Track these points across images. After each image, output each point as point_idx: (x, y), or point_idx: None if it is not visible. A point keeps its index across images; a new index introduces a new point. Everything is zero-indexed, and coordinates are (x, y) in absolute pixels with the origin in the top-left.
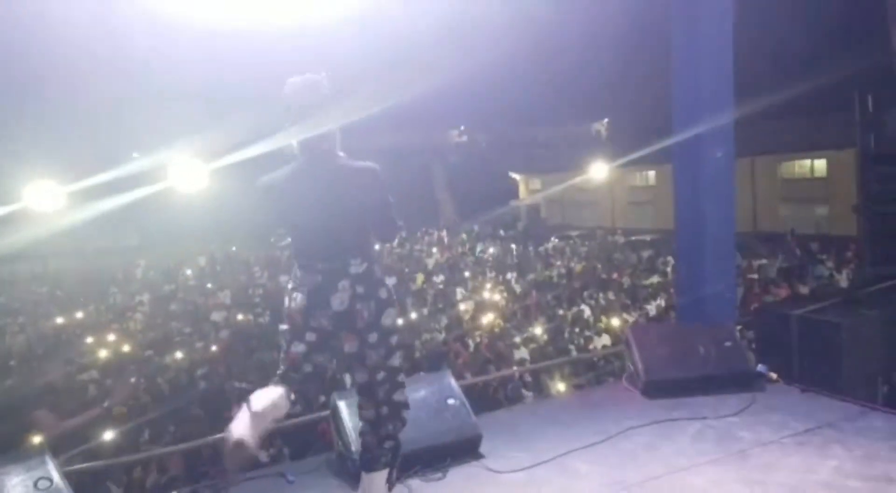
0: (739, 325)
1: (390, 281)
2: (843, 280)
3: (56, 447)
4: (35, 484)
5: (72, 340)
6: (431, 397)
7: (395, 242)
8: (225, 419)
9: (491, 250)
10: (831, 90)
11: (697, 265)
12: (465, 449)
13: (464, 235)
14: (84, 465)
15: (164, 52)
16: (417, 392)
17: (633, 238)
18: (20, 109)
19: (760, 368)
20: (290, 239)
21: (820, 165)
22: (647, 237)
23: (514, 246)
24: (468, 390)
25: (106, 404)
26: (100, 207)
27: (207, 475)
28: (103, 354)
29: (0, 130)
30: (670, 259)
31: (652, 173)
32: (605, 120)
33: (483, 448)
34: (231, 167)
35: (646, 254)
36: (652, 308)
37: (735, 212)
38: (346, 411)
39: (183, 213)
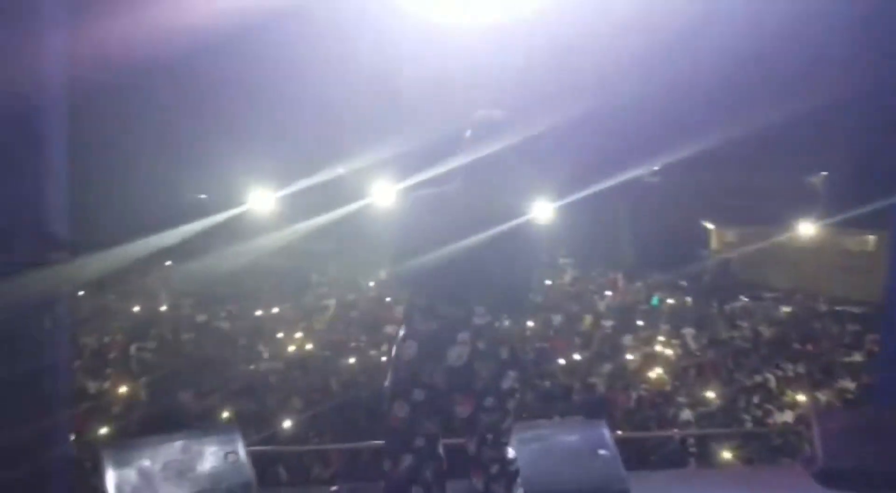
0: None
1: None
2: None
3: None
4: (225, 456)
5: (266, 332)
6: (583, 444)
7: (567, 280)
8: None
9: (669, 300)
10: None
11: None
12: None
13: (639, 283)
14: (262, 447)
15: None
16: (569, 435)
17: (839, 308)
18: (251, 120)
19: None
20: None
21: None
22: (857, 309)
23: (693, 300)
24: (623, 445)
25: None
26: (308, 215)
27: (364, 477)
28: (290, 349)
29: (233, 140)
30: None
31: (872, 238)
32: (823, 173)
33: None
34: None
35: (851, 328)
36: (849, 389)
37: None
38: None
39: (374, 226)
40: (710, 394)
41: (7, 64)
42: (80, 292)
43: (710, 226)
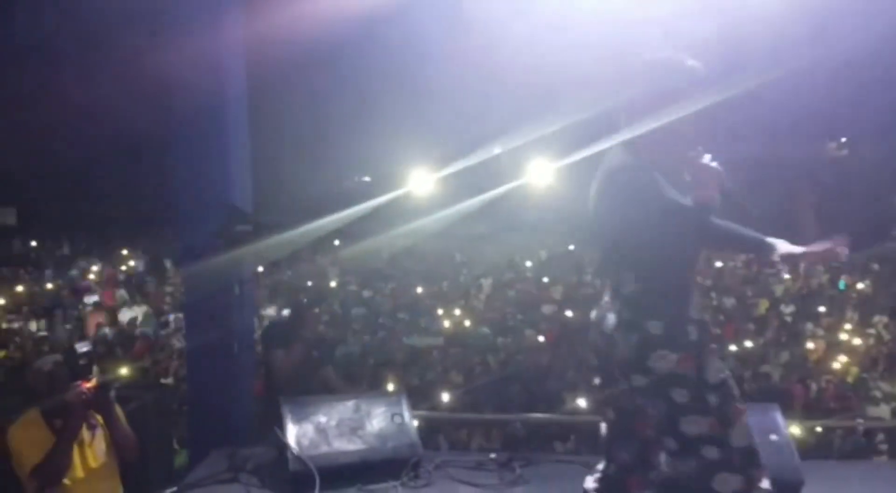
0: None
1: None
2: None
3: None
4: (392, 418)
5: (425, 309)
6: (753, 427)
7: (739, 262)
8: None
9: (859, 285)
10: None
11: None
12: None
13: (821, 267)
14: (424, 412)
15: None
16: None
17: None
18: (413, 99)
19: None
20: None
21: None
22: None
23: (887, 284)
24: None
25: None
26: (464, 196)
27: (519, 450)
28: (448, 325)
29: (395, 122)
30: None
31: None
32: None
33: None
34: (577, 166)
35: None
36: None
37: None
38: None
39: (528, 207)
40: None
41: (192, 56)
42: (260, 269)
43: None
